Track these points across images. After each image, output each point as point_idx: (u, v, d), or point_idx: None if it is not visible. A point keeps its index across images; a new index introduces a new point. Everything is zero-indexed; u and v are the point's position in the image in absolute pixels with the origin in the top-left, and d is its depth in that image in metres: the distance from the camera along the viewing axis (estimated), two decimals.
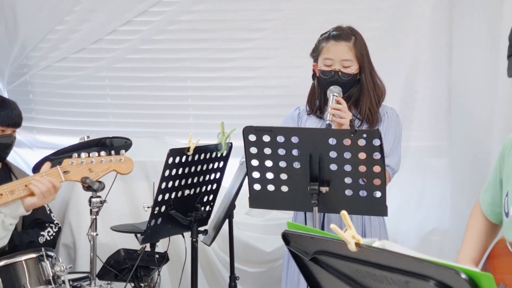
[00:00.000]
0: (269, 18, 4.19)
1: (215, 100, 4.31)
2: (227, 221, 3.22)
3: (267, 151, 2.67)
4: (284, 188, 2.71)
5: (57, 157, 2.83)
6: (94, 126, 4.38)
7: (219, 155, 3.10)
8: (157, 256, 3.29)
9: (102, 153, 2.74)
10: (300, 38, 3.95)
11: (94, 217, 3.00)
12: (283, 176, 2.70)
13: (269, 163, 2.69)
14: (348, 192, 2.66)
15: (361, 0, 4.05)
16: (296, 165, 2.67)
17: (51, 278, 2.97)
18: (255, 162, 2.71)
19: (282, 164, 2.68)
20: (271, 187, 2.73)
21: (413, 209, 4.04)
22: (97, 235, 3.03)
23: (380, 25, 4.01)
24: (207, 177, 3.12)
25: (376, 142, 2.56)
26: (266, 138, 2.66)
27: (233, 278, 3.29)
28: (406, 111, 3.93)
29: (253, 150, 2.68)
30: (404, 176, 3.82)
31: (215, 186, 3.19)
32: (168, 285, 4.04)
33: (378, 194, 2.63)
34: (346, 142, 2.60)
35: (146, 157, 3.99)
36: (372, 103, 3.03)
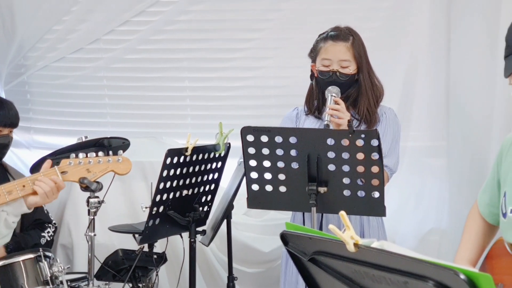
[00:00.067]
0: (268, 18, 4.19)
1: (213, 100, 4.30)
2: (225, 221, 3.22)
3: (265, 151, 2.67)
4: (282, 189, 2.71)
5: (54, 157, 2.82)
6: (92, 126, 4.37)
7: (217, 155, 3.10)
8: (155, 256, 3.29)
9: (100, 153, 2.74)
10: (299, 38, 3.94)
11: (92, 217, 3.00)
12: (281, 177, 2.69)
13: (267, 163, 2.69)
14: (346, 193, 2.65)
15: (360, 0, 4.05)
16: (294, 165, 2.67)
17: (49, 278, 2.96)
18: (253, 163, 2.70)
19: (280, 164, 2.68)
20: (269, 188, 2.72)
21: (412, 209, 4.04)
22: (95, 235, 3.04)
23: (379, 25, 4.01)
24: (205, 178, 3.12)
25: (374, 142, 2.56)
26: (264, 138, 2.65)
27: (231, 278, 3.29)
28: (405, 111, 3.93)
29: (251, 150, 2.68)
30: (402, 176, 3.83)
31: (213, 186, 3.18)
32: (166, 286, 4.03)
33: (376, 195, 2.63)
34: (344, 142, 2.60)
35: (144, 157, 3.99)
36: (370, 103, 3.03)
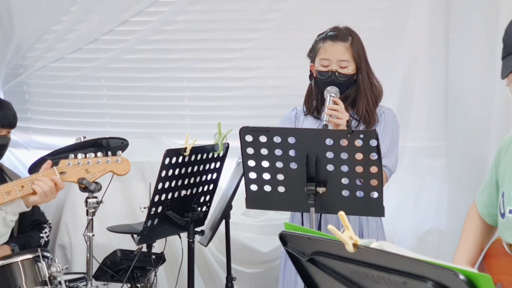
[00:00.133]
0: (267, 18, 4.18)
1: (211, 101, 4.30)
2: (223, 221, 3.22)
3: (264, 151, 2.67)
4: (281, 189, 2.71)
5: (53, 157, 2.83)
6: (91, 127, 4.37)
7: (215, 155, 3.10)
8: (153, 256, 3.28)
9: (99, 154, 2.73)
10: (298, 38, 3.94)
11: (91, 217, 3.00)
12: (280, 177, 2.69)
13: (265, 163, 2.69)
14: (345, 193, 2.65)
15: (360, 0, 4.05)
16: (293, 165, 2.67)
17: (47, 279, 2.95)
18: (251, 163, 2.70)
19: (279, 164, 2.67)
20: (267, 188, 2.72)
21: (410, 210, 4.04)
22: (93, 235, 3.03)
23: (378, 25, 4.01)
24: (204, 178, 3.11)
25: (373, 142, 2.56)
26: (262, 138, 2.65)
27: (229, 278, 3.29)
28: (403, 111, 3.94)
29: (250, 150, 2.68)
30: (401, 176, 3.83)
31: (211, 186, 3.18)
32: (164, 286, 4.03)
33: (375, 195, 2.63)
34: (343, 142, 2.60)
35: (142, 157, 3.99)
36: (369, 103, 3.03)
